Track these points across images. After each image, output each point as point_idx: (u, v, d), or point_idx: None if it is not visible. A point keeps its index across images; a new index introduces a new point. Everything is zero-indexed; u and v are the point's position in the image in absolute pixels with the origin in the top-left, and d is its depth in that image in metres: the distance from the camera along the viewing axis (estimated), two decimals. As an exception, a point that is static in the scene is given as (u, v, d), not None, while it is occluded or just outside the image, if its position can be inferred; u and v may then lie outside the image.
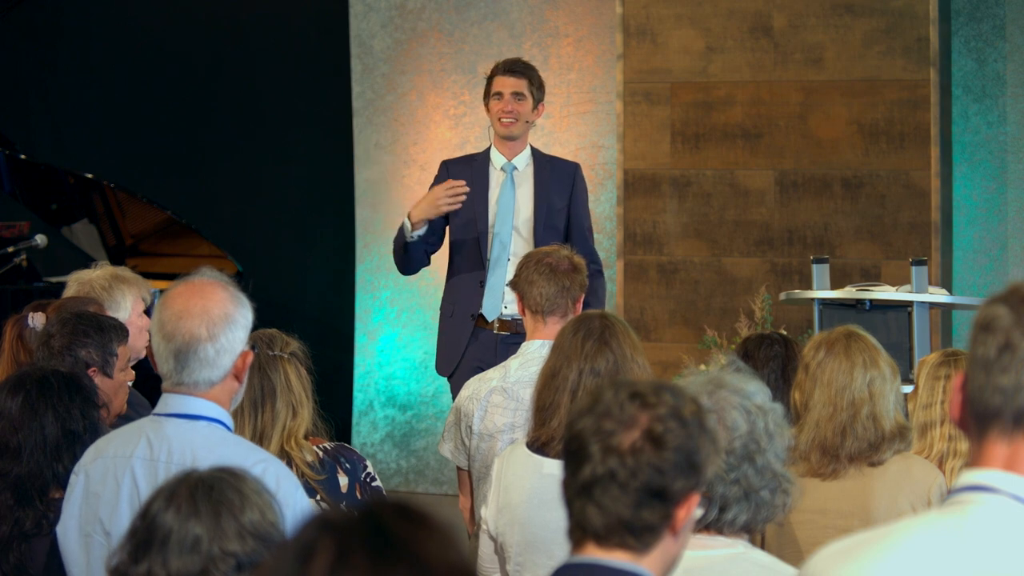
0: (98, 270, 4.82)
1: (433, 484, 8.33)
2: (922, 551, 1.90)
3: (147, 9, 9.21)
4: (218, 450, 2.97)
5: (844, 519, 3.62)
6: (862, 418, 3.65)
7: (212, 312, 3.00)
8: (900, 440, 3.69)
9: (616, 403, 2.26)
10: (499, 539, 3.77)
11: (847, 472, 3.67)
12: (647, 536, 2.25)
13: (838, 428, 3.66)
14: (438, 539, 1.56)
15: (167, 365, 3.01)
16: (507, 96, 5.76)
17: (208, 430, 3.02)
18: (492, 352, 5.54)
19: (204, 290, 3.03)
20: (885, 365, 3.71)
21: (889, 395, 3.69)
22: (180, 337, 2.98)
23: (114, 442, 3.11)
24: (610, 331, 3.71)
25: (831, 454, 3.66)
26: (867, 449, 3.66)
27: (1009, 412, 1.94)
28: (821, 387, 3.69)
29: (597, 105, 8.08)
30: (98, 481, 3.07)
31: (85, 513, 3.07)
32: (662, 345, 7.30)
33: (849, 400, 3.66)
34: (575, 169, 5.90)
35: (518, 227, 5.75)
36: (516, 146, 5.82)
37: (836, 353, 3.70)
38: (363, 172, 8.49)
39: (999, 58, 7.53)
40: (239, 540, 2.25)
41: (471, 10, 8.29)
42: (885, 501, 3.64)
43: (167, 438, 3.01)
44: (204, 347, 2.98)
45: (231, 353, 3.02)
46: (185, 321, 2.98)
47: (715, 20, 7.30)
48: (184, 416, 3.03)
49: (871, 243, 7.12)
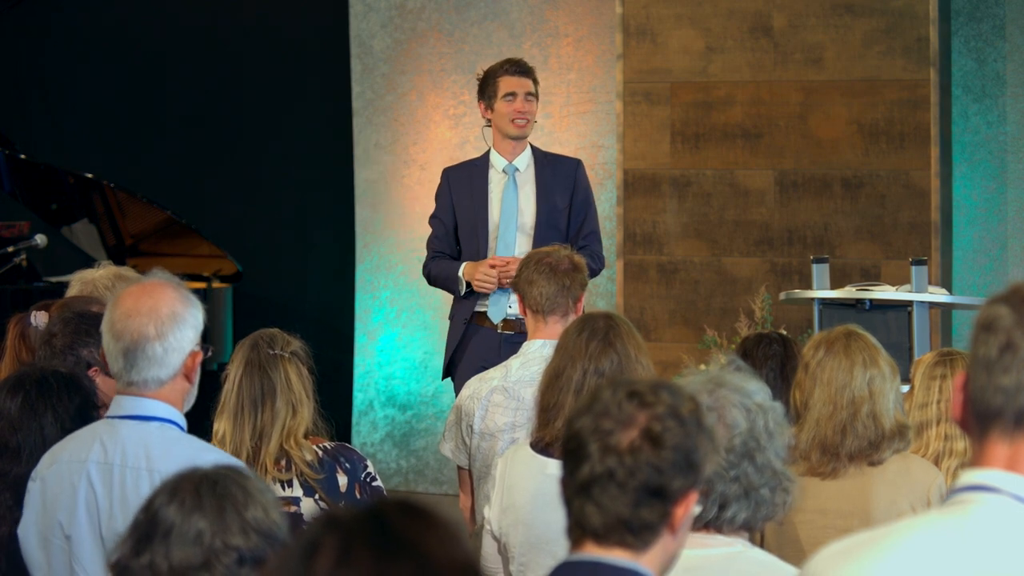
0: (101, 270, 4.82)
1: (433, 484, 8.33)
2: (923, 551, 1.90)
3: (147, 8, 9.21)
4: (172, 450, 2.99)
5: (844, 519, 3.62)
6: (862, 416, 3.65)
7: (160, 311, 3.03)
8: (900, 439, 3.69)
9: (614, 402, 2.27)
10: (503, 539, 3.77)
11: (847, 472, 3.67)
12: (646, 534, 2.25)
13: (838, 427, 3.66)
14: (442, 536, 1.57)
15: (117, 364, 3.05)
16: (521, 97, 5.75)
17: (161, 431, 3.04)
18: (496, 351, 5.54)
19: (154, 290, 3.07)
20: (884, 364, 3.72)
21: (889, 393, 3.69)
22: (128, 335, 3.02)
23: (69, 447, 3.13)
24: (614, 331, 3.71)
25: (831, 452, 3.66)
26: (867, 448, 3.66)
27: (1010, 412, 1.93)
28: (821, 386, 3.69)
29: (597, 105, 8.08)
30: (54, 485, 3.09)
31: (43, 518, 3.09)
32: (662, 345, 7.30)
33: (849, 398, 3.66)
34: (576, 166, 5.88)
35: (523, 228, 5.74)
36: (518, 147, 5.81)
37: (836, 352, 3.70)
38: (363, 172, 8.49)
39: (999, 58, 7.53)
40: (242, 535, 2.25)
41: (471, 10, 8.30)
42: (885, 501, 3.64)
43: (121, 440, 3.04)
44: (152, 345, 3.02)
45: (180, 352, 3.05)
46: (133, 320, 3.02)
47: (715, 20, 7.30)
48: (137, 417, 3.05)
49: (871, 243, 7.12)
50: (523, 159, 5.82)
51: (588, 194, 5.85)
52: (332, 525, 1.58)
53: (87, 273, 4.81)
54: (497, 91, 5.77)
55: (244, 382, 3.77)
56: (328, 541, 1.56)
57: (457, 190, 5.81)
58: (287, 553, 1.58)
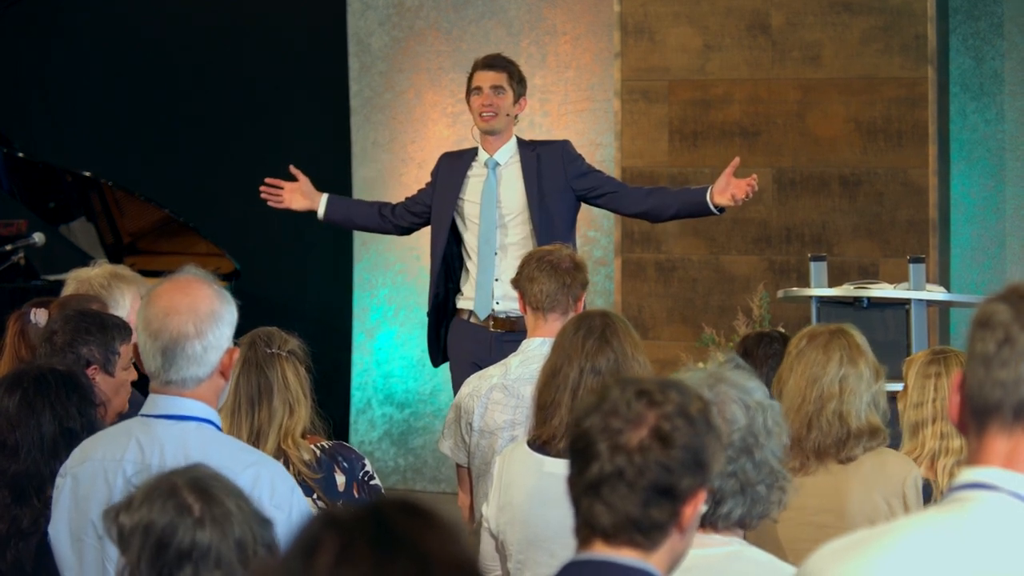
0: (97, 268, 4.82)
1: (431, 482, 8.33)
2: (922, 549, 1.89)
3: (145, 8, 9.21)
4: (211, 451, 2.94)
5: (819, 515, 3.61)
6: (827, 413, 3.63)
7: (200, 309, 2.99)
8: (871, 439, 3.66)
9: (623, 401, 2.26)
10: (500, 537, 3.78)
11: (817, 468, 3.65)
12: (655, 534, 2.25)
13: (804, 419, 3.64)
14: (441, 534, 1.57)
15: (154, 363, 2.99)
16: (486, 90, 5.76)
17: (199, 431, 3.01)
18: (487, 350, 5.55)
19: (190, 287, 3.02)
20: (865, 365, 3.68)
21: (863, 394, 3.66)
22: (167, 334, 2.97)
23: (101, 445, 3.10)
24: (611, 329, 3.72)
25: (797, 446, 3.63)
26: (832, 445, 3.64)
27: (1009, 406, 1.93)
28: (795, 376, 3.68)
29: (595, 103, 8.08)
30: (87, 484, 3.05)
31: (75, 517, 3.06)
32: (660, 343, 7.31)
33: (818, 393, 3.64)
34: (562, 146, 5.86)
35: (503, 219, 5.74)
36: (498, 140, 5.81)
37: (816, 345, 3.69)
38: (361, 170, 8.49)
39: (997, 56, 7.53)
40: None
41: (469, 8, 8.29)
42: (859, 497, 3.63)
43: (158, 440, 3.00)
44: (192, 344, 2.97)
45: (218, 350, 3.01)
46: (172, 318, 2.97)
47: (713, 18, 7.30)
48: (173, 417, 3.01)
49: (869, 241, 7.12)
50: (505, 152, 5.81)
51: (582, 165, 5.80)
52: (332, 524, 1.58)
53: (83, 272, 4.81)
54: (470, 86, 5.82)
55: (241, 381, 3.76)
56: (328, 539, 1.56)
57: (443, 178, 5.87)
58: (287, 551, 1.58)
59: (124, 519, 2.33)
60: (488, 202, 5.74)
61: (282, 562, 1.58)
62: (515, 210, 5.74)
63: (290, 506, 2.97)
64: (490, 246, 5.71)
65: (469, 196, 5.78)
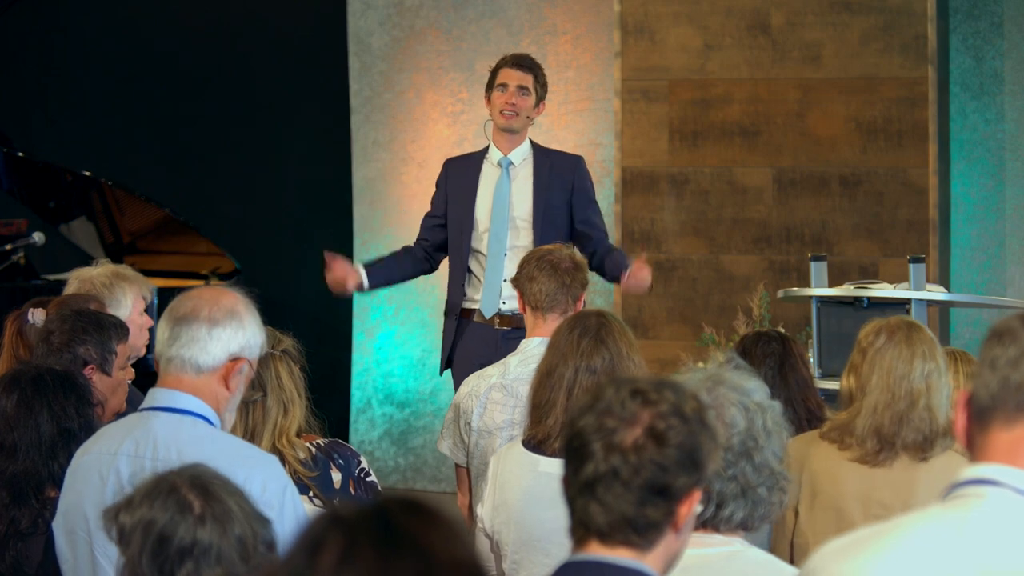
0: (99, 268, 4.82)
1: (431, 482, 8.33)
2: (925, 545, 1.90)
3: (145, 7, 9.21)
4: (205, 447, 2.95)
5: (886, 510, 3.63)
6: (919, 409, 3.67)
7: (221, 302, 3.04)
8: (945, 437, 3.71)
9: (618, 400, 2.26)
10: (495, 537, 3.77)
11: (897, 463, 3.68)
12: (651, 533, 2.25)
13: (895, 416, 3.68)
14: (445, 534, 1.58)
15: (162, 336, 3.03)
16: (512, 88, 5.73)
17: (194, 427, 3.00)
18: (493, 348, 5.53)
19: (222, 290, 3.10)
20: (942, 359, 3.74)
21: (943, 389, 3.71)
22: (181, 311, 3.02)
23: (100, 439, 3.11)
24: (606, 329, 3.72)
25: (888, 442, 3.68)
26: (922, 441, 3.68)
27: (1012, 400, 1.95)
28: (880, 373, 3.70)
29: (595, 103, 8.07)
30: (82, 477, 3.07)
31: (71, 510, 3.07)
32: (660, 343, 7.30)
33: (907, 389, 3.68)
34: (576, 163, 5.84)
35: (515, 221, 5.72)
36: (514, 140, 5.79)
37: (897, 341, 3.71)
38: (361, 170, 8.48)
39: (997, 55, 7.53)
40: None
41: (469, 8, 8.29)
42: (927, 497, 3.63)
43: (153, 434, 3.00)
44: (200, 324, 3.00)
45: (223, 344, 3.01)
46: (192, 301, 3.04)
47: (713, 18, 7.30)
48: (170, 410, 3.02)
49: (869, 241, 7.12)
50: (519, 153, 5.79)
51: (589, 191, 5.79)
52: (336, 522, 1.58)
53: (85, 271, 4.81)
54: (494, 81, 5.78)
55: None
56: (332, 538, 1.56)
57: (453, 182, 5.82)
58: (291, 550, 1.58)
59: (124, 518, 2.33)
60: (500, 202, 5.71)
61: (286, 561, 1.58)
62: (525, 213, 5.71)
63: (281, 505, 2.97)
64: (501, 246, 5.68)
65: (482, 195, 5.76)
